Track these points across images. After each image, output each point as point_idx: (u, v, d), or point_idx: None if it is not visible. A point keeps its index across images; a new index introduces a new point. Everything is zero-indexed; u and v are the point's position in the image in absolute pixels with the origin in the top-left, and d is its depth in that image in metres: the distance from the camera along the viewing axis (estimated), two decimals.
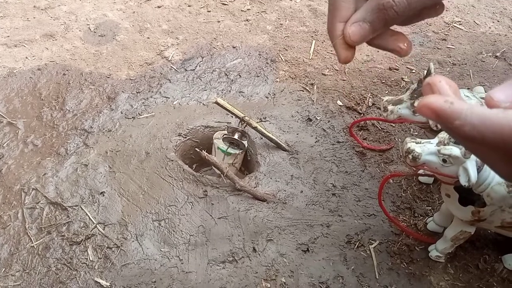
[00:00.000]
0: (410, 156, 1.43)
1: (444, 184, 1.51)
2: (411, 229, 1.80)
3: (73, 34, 2.79)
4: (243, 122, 2.00)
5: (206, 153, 1.79)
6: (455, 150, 1.36)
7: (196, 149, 1.90)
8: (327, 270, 1.69)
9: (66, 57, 2.62)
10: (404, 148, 1.46)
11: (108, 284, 1.67)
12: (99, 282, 1.67)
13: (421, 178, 1.98)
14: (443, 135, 1.42)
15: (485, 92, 1.82)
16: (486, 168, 1.41)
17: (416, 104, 1.65)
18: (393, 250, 1.75)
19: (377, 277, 1.68)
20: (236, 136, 1.99)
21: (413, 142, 1.46)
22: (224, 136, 2.01)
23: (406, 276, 1.68)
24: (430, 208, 1.89)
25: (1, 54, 2.62)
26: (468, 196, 1.46)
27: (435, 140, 1.44)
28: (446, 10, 2.98)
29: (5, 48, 2.66)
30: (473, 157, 1.37)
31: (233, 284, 1.66)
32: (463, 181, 1.37)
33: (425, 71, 1.70)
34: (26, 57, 2.60)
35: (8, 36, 2.74)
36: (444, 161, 1.39)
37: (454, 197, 1.50)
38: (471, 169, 1.36)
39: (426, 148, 1.42)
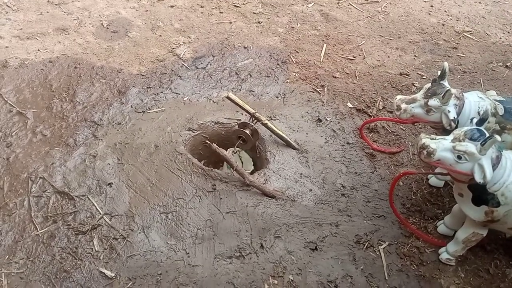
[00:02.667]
0: (425, 152, 1.42)
1: (458, 182, 1.50)
2: (421, 231, 1.78)
3: (85, 29, 2.80)
4: (253, 118, 1.99)
5: (216, 146, 1.78)
6: (471, 147, 1.35)
7: (207, 141, 1.89)
8: (335, 269, 1.67)
9: (78, 51, 2.63)
10: (419, 143, 1.45)
11: (113, 274, 1.64)
12: (104, 273, 1.65)
13: (431, 181, 1.96)
14: (459, 131, 1.41)
15: (497, 95, 1.81)
16: (502, 166, 1.40)
17: (429, 103, 1.63)
18: (403, 252, 1.72)
19: (387, 278, 1.65)
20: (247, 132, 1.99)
21: (428, 138, 1.45)
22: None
23: (416, 278, 1.65)
24: (441, 211, 1.87)
25: (14, 45, 2.64)
26: (482, 195, 1.43)
27: (450, 137, 1.42)
28: (457, 20, 3.00)
29: (18, 40, 2.68)
30: (488, 154, 1.36)
31: (240, 279, 1.63)
32: (478, 178, 1.35)
33: (439, 71, 1.69)
34: (38, 50, 2.61)
35: (21, 29, 2.76)
36: (459, 157, 1.37)
37: (467, 196, 1.48)
38: (487, 166, 1.34)
39: (441, 144, 1.40)
